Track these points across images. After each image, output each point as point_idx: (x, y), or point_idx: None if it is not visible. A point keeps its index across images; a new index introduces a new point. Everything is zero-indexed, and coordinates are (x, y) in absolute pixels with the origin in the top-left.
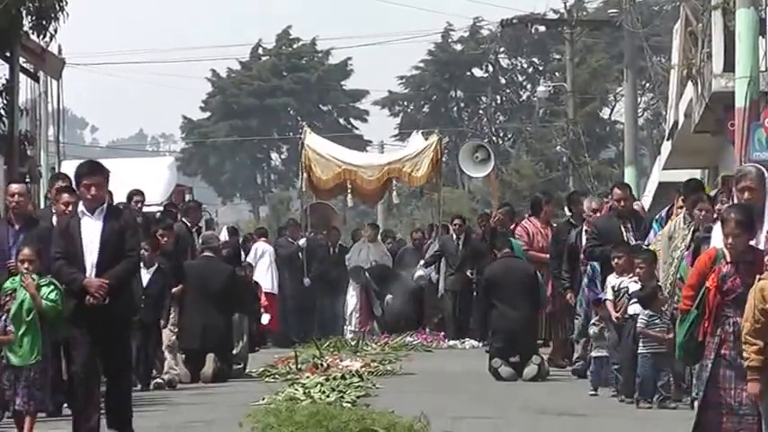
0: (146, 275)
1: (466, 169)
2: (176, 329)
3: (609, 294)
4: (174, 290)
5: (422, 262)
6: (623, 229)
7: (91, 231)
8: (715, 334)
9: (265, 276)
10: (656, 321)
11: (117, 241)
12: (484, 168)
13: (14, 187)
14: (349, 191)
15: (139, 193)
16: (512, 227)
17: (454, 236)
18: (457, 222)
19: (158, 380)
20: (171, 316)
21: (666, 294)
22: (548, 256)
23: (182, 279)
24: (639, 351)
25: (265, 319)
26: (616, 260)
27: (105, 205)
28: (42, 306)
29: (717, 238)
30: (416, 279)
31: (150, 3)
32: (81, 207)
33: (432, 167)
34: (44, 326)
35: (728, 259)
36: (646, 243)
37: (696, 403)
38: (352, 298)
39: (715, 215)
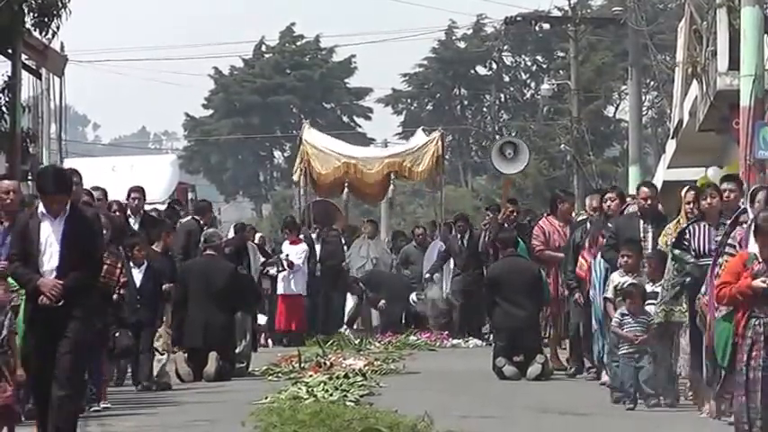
0: (137, 275)
1: (501, 168)
2: (170, 331)
3: (610, 293)
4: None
5: (425, 276)
6: (643, 229)
7: (51, 233)
8: (746, 336)
9: (305, 280)
10: (629, 320)
11: (78, 244)
12: (518, 163)
13: (7, 184)
14: (346, 184)
15: (138, 189)
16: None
17: (458, 235)
18: (461, 224)
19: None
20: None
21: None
22: (562, 255)
23: (174, 279)
24: (620, 352)
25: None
26: (625, 258)
27: (68, 207)
28: None
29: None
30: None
31: (153, 0)
32: (41, 208)
33: (433, 163)
34: None
35: (761, 258)
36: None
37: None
38: (352, 297)
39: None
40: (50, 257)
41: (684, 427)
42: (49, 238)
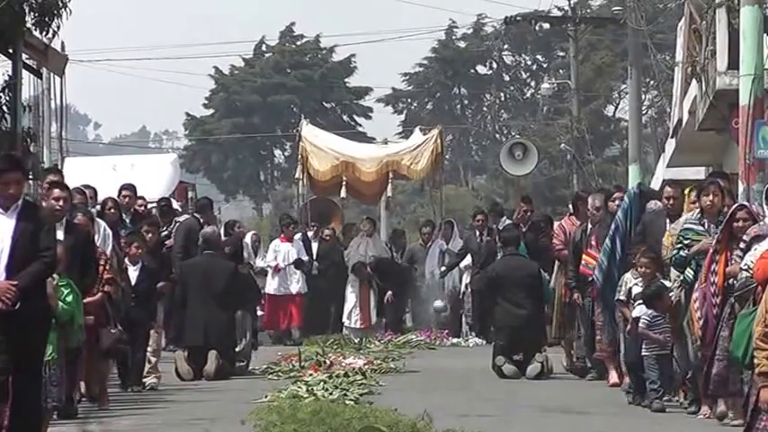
0: (133, 273)
1: (510, 170)
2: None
3: (623, 295)
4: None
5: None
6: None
7: (2, 230)
8: None
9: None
10: (659, 321)
11: (30, 241)
12: (527, 164)
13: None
14: (344, 183)
15: (129, 187)
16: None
17: (476, 232)
18: (480, 218)
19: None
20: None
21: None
22: None
23: (167, 277)
24: (643, 353)
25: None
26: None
27: (21, 202)
28: (58, 308)
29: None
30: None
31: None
32: None
33: (432, 161)
34: (57, 326)
35: None
36: None
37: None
38: (350, 295)
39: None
40: (1, 254)
41: (684, 425)
42: (1, 233)
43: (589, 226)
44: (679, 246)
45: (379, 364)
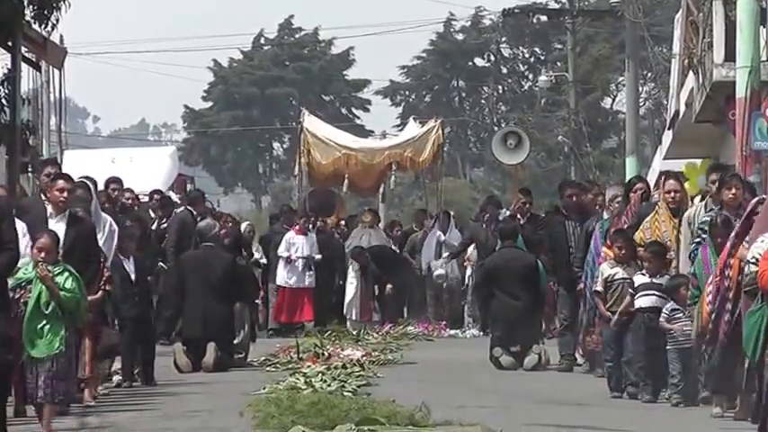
0: (129, 267)
1: (501, 158)
2: None
3: (599, 286)
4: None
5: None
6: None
7: None
8: None
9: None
10: (679, 315)
11: None
12: (519, 154)
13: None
14: (346, 176)
15: (117, 180)
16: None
17: (482, 224)
18: (490, 209)
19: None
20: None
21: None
22: None
23: (152, 270)
24: (667, 348)
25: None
26: (616, 248)
27: None
28: (61, 297)
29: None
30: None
31: None
32: None
33: (434, 152)
34: (65, 315)
35: None
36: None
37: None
38: (351, 286)
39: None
40: None
41: (682, 418)
42: None
43: (605, 215)
44: (698, 240)
45: (377, 356)
